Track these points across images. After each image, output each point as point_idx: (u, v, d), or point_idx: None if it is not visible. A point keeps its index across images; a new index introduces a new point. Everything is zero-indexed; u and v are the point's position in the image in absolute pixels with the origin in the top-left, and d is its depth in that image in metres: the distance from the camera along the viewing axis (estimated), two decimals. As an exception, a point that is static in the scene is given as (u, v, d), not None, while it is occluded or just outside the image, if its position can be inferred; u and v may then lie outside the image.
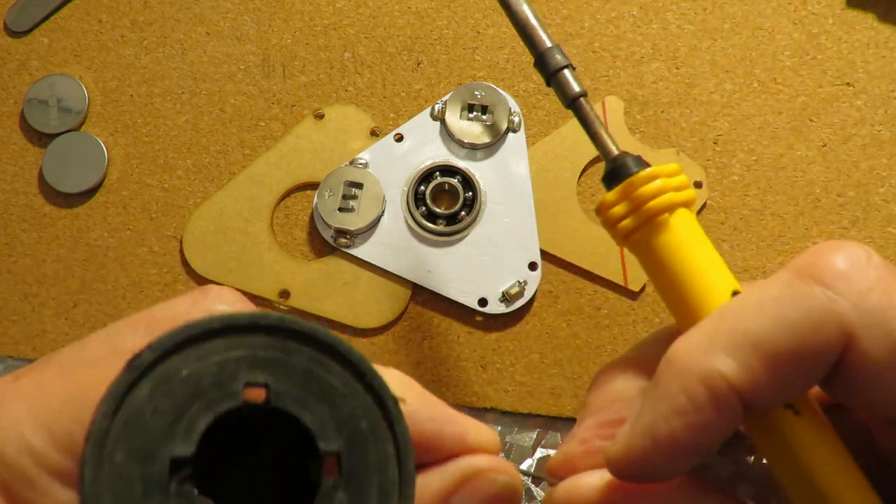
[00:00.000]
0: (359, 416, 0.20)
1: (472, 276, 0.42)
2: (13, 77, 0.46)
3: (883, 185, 0.43)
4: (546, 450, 0.42)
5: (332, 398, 0.20)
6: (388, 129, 0.44)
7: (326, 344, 0.20)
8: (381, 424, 0.20)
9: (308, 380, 0.20)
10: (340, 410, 0.20)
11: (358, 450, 0.20)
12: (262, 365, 0.20)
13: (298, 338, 0.20)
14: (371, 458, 0.20)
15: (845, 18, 0.45)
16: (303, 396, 0.20)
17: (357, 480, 0.20)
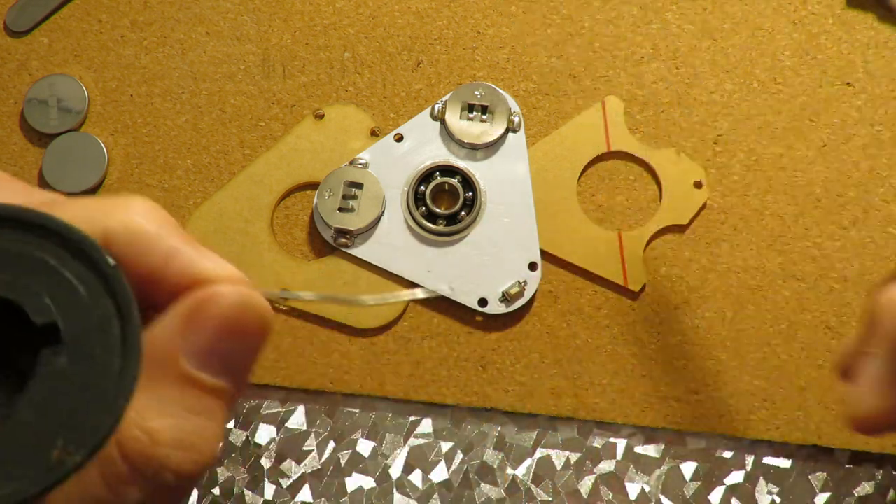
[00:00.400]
0: (74, 284, 0.20)
1: (472, 276, 0.42)
2: (13, 77, 0.46)
3: (883, 185, 0.43)
4: (546, 450, 0.42)
5: (42, 271, 0.20)
6: (388, 129, 0.44)
7: (26, 221, 0.20)
8: (99, 288, 0.20)
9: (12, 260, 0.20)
10: (53, 282, 0.20)
11: (77, 316, 0.20)
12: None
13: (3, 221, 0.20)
14: (92, 321, 0.20)
15: (845, 18, 0.45)
16: (11, 277, 0.20)
17: (79, 344, 0.20)
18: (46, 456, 0.19)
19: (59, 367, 0.20)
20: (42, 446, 0.20)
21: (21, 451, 0.20)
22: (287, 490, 0.41)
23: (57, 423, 0.20)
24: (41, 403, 0.20)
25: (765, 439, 0.41)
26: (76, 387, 0.20)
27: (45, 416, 0.20)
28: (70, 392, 0.20)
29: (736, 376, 0.42)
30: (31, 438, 0.20)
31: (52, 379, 0.20)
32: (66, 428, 0.20)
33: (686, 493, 0.41)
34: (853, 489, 0.41)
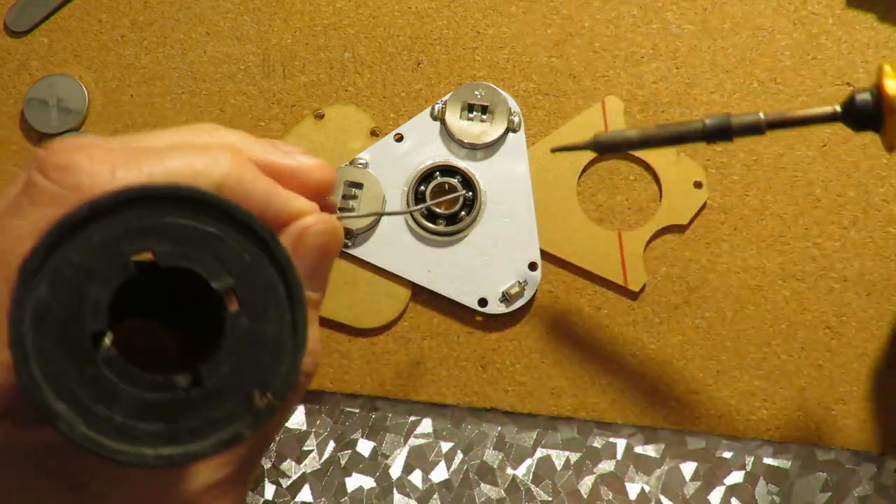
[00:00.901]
0: (240, 252, 0.23)
1: (472, 276, 0.42)
2: (13, 77, 0.46)
3: (883, 185, 0.43)
4: (546, 450, 0.42)
5: (212, 244, 0.23)
6: (388, 129, 0.44)
7: (194, 199, 0.23)
8: (260, 253, 0.23)
9: (187, 234, 0.23)
10: (222, 252, 0.23)
11: (246, 280, 0.23)
12: (141, 233, 0.22)
13: (167, 200, 0.23)
14: (259, 283, 0.23)
15: (845, 18, 0.45)
16: (186, 250, 0.23)
17: (254, 304, 0.23)
18: (248, 403, 0.23)
19: (242, 326, 0.23)
20: (242, 395, 0.23)
21: (226, 401, 0.23)
22: (287, 490, 0.41)
23: (249, 374, 0.23)
24: (234, 360, 0.23)
25: (765, 439, 0.41)
26: (260, 343, 0.23)
27: (239, 369, 0.23)
28: (256, 347, 0.23)
29: (736, 376, 0.42)
30: (232, 390, 0.23)
31: (239, 337, 0.23)
32: (258, 378, 0.23)
33: (686, 493, 0.41)
34: (853, 489, 0.41)
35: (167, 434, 0.22)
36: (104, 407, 0.22)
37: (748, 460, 0.41)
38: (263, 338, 0.23)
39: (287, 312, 0.24)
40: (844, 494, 0.41)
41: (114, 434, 0.22)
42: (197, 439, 0.22)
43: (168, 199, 0.23)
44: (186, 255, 0.23)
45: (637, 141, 0.35)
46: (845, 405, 0.41)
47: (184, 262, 0.23)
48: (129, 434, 0.22)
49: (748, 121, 0.34)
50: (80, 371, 0.22)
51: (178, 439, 0.22)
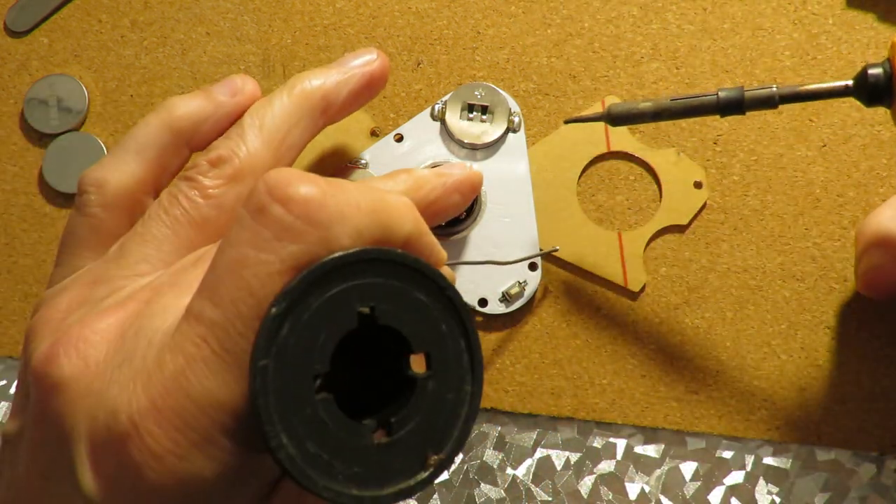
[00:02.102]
0: (439, 321, 0.25)
1: (472, 276, 0.42)
2: (13, 77, 0.46)
3: (883, 185, 0.43)
4: (546, 450, 0.42)
5: (419, 309, 0.25)
6: (388, 129, 0.44)
7: (412, 267, 0.25)
8: (455, 325, 0.25)
9: (401, 297, 0.25)
10: (425, 318, 0.25)
11: (439, 347, 0.25)
12: (368, 291, 0.25)
13: (392, 264, 0.25)
14: (449, 353, 0.25)
15: (845, 18, 0.45)
16: (398, 312, 0.25)
17: (442, 370, 0.25)
18: (423, 460, 0.25)
19: (429, 389, 0.25)
20: (419, 452, 0.25)
21: (406, 455, 0.25)
22: (287, 490, 0.41)
23: (427, 433, 0.25)
24: (418, 417, 0.25)
25: (765, 439, 0.41)
26: (440, 406, 0.25)
27: (420, 428, 0.25)
28: (436, 410, 0.25)
29: (736, 376, 0.42)
30: (412, 446, 0.25)
31: (425, 399, 0.25)
32: (434, 438, 0.25)
33: (686, 494, 0.41)
34: (853, 489, 0.41)
35: (360, 477, 0.24)
36: (315, 444, 0.24)
37: (748, 460, 0.41)
38: (444, 402, 0.25)
39: (467, 384, 0.26)
40: (844, 494, 0.41)
41: (321, 470, 0.24)
42: (379, 486, 0.24)
43: (396, 263, 0.25)
44: (399, 316, 0.25)
45: (650, 113, 0.36)
46: (845, 405, 0.41)
47: (396, 323, 0.25)
48: (332, 472, 0.24)
49: (762, 94, 0.34)
50: (301, 409, 0.24)
51: (367, 484, 0.24)
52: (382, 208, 0.26)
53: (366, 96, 0.36)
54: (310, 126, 0.35)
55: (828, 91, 0.34)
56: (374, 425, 0.25)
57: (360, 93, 0.36)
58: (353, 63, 0.36)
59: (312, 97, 0.35)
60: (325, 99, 0.35)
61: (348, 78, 0.35)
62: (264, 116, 0.33)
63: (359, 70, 0.36)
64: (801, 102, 0.35)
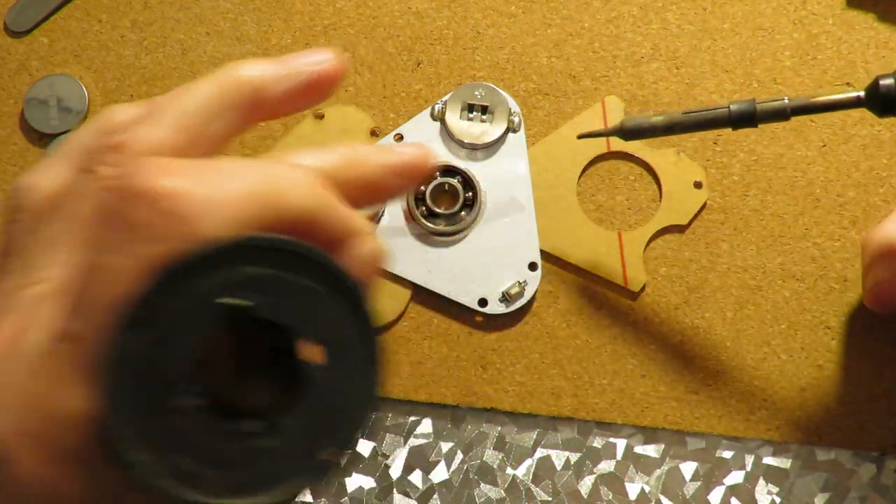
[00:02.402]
0: (330, 306, 0.23)
1: (472, 276, 0.42)
2: (13, 77, 0.46)
3: (883, 185, 0.43)
4: (546, 450, 0.42)
5: (304, 296, 0.23)
6: (388, 129, 0.44)
7: (293, 252, 0.23)
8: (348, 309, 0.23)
9: (280, 286, 0.23)
10: (313, 305, 0.23)
11: (332, 337, 0.23)
12: (236, 282, 0.22)
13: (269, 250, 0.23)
14: (343, 342, 0.23)
15: (845, 18, 0.45)
16: (280, 302, 0.23)
17: (335, 362, 0.23)
18: (314, 457, 0.23)
19: (321, 382, 0.23)
20: (310, 449, 0.23)
21: (294, 453, 0.23)
22: (287, 490, 0.41)
23: (319, 429, 0.23)
24: (309, 413, 0.23)
25: (765, 439, 0.41)
26: (334, 399, 0.23)
27: (311, 425, 0.23)
28: (330, 404, 0.23)
29: (736, 376, 0.42)
30: (301, 444, 0.23)
31: (316, 393, 0.23)
32: (328, 432, 0.23)
33: (686, 494, 0.41)
34: (853, 489, 0.41)
35: (235, 483, 0.22)
36: (178, 454, 0.22)
37: (748, 460, 0.41)
38: (340, 393, 0.23)
39: (364, 375, 0.24)
40: (844, 494, 0.41)
41: (185, 480, 0.22)
42: (262, 489, 0.23)
43: (266, 248, 0.23)
44: (281, 306, 0.23)
45: (662, 127, 0.36)
46: (846, 405, 0.41)
47: (277, 315, 0.23)
48: (200, 481, 0.22)
49: (773, 106, 0.34)
50: (159, 417, 0.22)
51: (244, 489, 0.23)
52: (266, 190, 0.24)
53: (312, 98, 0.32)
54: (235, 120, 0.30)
55: (840, 103, 0.34)
56: (257, 426, 0.23)
57: (302, 92, 0.32)
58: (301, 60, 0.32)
59: (242, 88, 0.30)
60: (256, 92, 0.30)
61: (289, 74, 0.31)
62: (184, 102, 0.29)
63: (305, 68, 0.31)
64: (813, 114, 0.34)
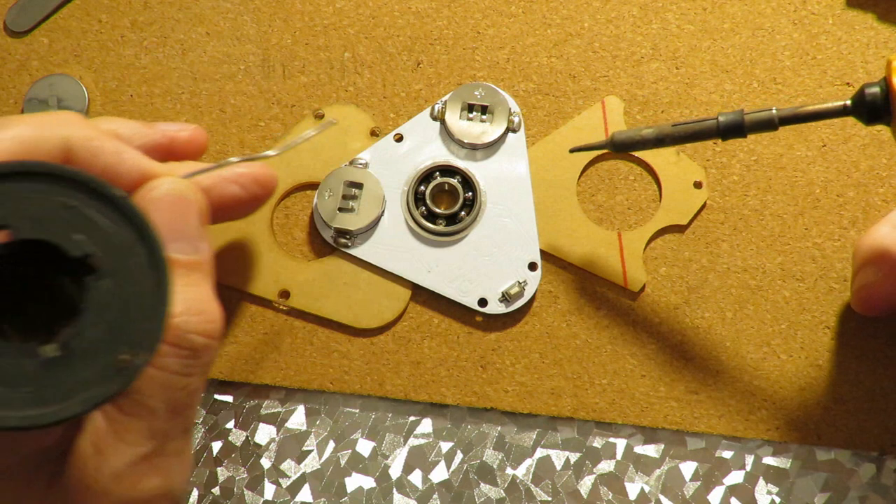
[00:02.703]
0: (95, 218, 0.24)
1: (472, 276, 0.42)
2: (13, 77, 0.46)
3: (883, 185, 0.43)
4: (546, 450, 0.42)
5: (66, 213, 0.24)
6: (388, 129, 0.44)
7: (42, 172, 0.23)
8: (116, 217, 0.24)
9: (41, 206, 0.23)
10: (78, 220, 0.24)
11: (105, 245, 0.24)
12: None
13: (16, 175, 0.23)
14: (118, 247, 0.24)
15: (845, 18, 0.45)
16: (40, 222, 0.23)
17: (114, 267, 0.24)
18: (115, 363, 0.24)
19: (104, 289, 0.24)
20: (110, 356, 0.23)
21: (94, 362, 0.23)
22: (287, 490, 0.41)
23: (115, 335, 0.23)
24: (99, 322, 0.23)
25: (765, 439, 0.41)
26: (124, 303, 0.24)
27: (104, 332, 0.23)
28: (120, 308, 0.24)
29: (736, 376, 0.42)
30: (99, 351, 0.23)
31: (102, 300, 0.24)
32: (125, 338, 0.24)
33: (686, 494, 0.41)
34: (853, 489, 0.41)
35: (35, 398, 0.23)
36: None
37: (748, 460, 0.41)
38: (127, 299, 0.24)
39: (150, 273, 0.24)
40: (844, 494, 0.41)
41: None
42: (64, 401, 0.23)
43: (16, 174, 0.23)
44: (41, 227, 0.23)
45: (653, 140, 0.36)
46: (845, 405, 0.41)
47: (38, 234, 0.23)
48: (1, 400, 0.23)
49: (761, 117, 0.34)
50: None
51: (45, 402, 0.23)
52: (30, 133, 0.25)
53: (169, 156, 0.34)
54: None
55: (827, 111, 0.34)
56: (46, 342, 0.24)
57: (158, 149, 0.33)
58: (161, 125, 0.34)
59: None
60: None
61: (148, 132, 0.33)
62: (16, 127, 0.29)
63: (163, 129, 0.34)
64: (802, 123, 0.35)
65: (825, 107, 0.34)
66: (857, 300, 0.39)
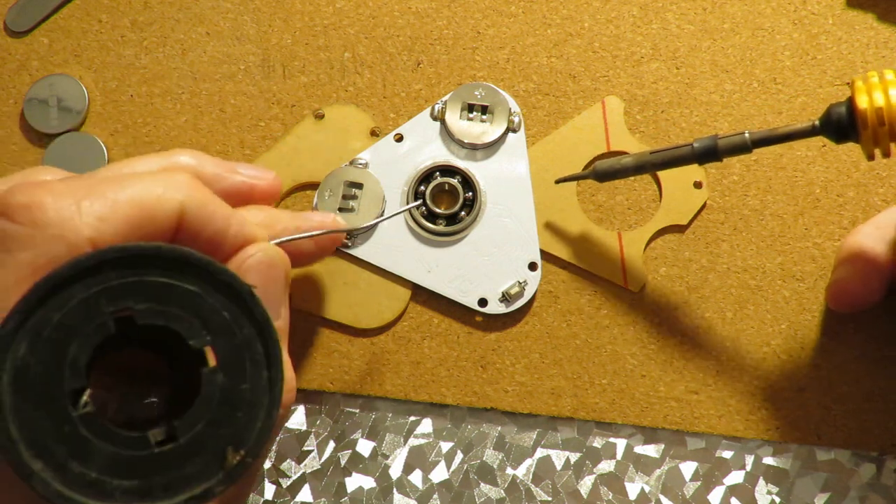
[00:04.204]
0: (219, 309, 0.23)
1: (472, 276, 0.42)
2: (13, 77, 0.46)
3: (883, 185, 0.43)
4: (546, 450, 0.42)
5: (191, 301, 0.23)
6: (388, 129, 0.44)
7: (174, 258, 0.23)
8: (238, 311, 0.24)
9: (166, 292, 0.23)
10: (201, 309, 0.23)
11: (224, 337, 0.23)
12: (121, 291, 0.23)
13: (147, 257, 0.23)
14: (237, 341, 0.23)
15: (845, 18, 0.45)
16: (165, 308, 0.23)
17: (231, 361, 0.23)
18: (221, 460, 0.23)
19: (218, 383, 0.23)
20: (216, 452, 0.23)
21: (198, 457, 0.23)
22: (287, 490, 0.41)
23: (224, 431, 0.23)
24: (209, 416, 0.23)
25: (765, 439, 0.41)
26: (235, 399, 0.23)
27: (214, 426, 0.23)
28: (231, 404, 0.23)
29: (736, 376, 0.42)
30: (206, 446, 0.23)
31: (215, 394, 0.23)
32: (232, 434, 0.23)
33: (686, 494, 0.41)
34: (853, 489, 0.41)
35: (140, 490, 0.23)
36: (79, 463, 0.22)
37: (748, 460, 0.41)
38: (239, 395, 0.23)
39: (264, 370, 0.24)
40: (844, 494, 0.41)
41: (87, 490, 0.22)
42: (169, 495, 0.23)
43: (148, 256, 0.23)
44: (164, 313, 0.23)
45: (633, 168, 0.38)
46: (845, 405, 0.41)
47: (161, 321, 0.23)
48: (103, 490, 0.22)
49: (735, 141, 0.36)
50: (56, 428, 0.22)
51: (150, 495, 0.23)
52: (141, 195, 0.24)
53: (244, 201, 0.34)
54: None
55: (798, 132, 0.35)
56: (157, 432, 0.23)
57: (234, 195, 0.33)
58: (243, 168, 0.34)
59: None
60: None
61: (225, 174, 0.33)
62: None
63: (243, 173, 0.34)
64: (774, 145, 0.36)
65: (795, 128, 0.35)
66: (829, 295, 0.40)
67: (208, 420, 0.23)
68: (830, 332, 0.42)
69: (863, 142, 0.34)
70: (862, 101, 0.33)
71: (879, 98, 0.33)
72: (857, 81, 0.34)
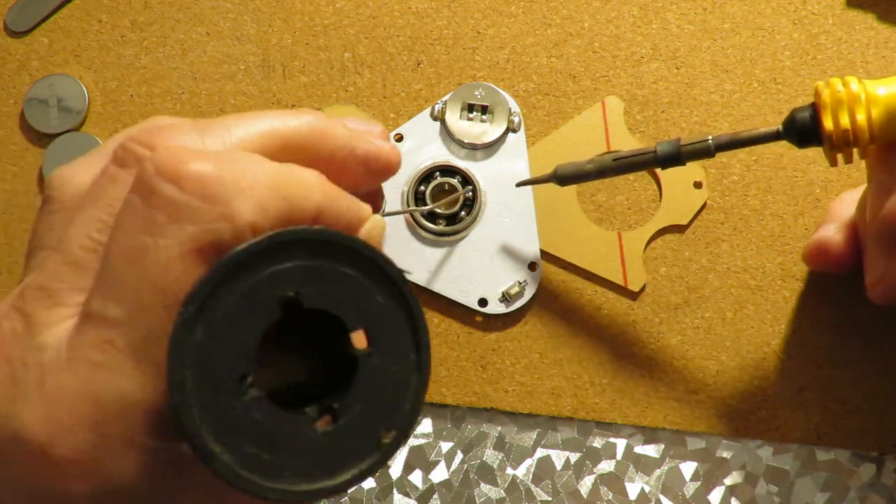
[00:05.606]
0: (373, 292, 0.24)
1: (472, 276, 0.42)
2: (13, 77, 0.46)
3: (883, 185, 0.43)
4: (546, 450, 0.42)
5: (350, 284, 0.24)
6: (388, 129, 0.44)
7: (331, 242, 0.24)
8: (390, 294, 0.24)
9: (325, 275, 0.24)
10: (357, 293, 0.24)
11: (377, 320, 0.24)
12: (287, 276, 0.23)
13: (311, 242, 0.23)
14: (389, 324, 0.24)
15: (845, 18, 0.45)
16: (326, 291, 0.23)
17: (383, 344, 0.24)
18: (376, 440, 0.24)
19: (373, 365, 0.24)
20: (371, 432, 0.24)
21: (354, 438, 0.24)
22: (287, 490, 0.41)
23: (377, 412, 0.24)
24: (364, 398, 0.24)
25: (765, 439, 0.41)
26: (386, 381, 0.24)
27: (368, 408, 0.24)
28: (381, 386, 0.24)
29: (736, 376, 0.42)
30: (361, 427, 0.24)
31: (370, 376, 0.24)
32: (385, 415, 0.24)
33: (686, 494, 0.41)
34: (853, 489, 0.41)
35: (308, 470, 0.23)
36: (253, 445, 0.23)
37: (748, 460, 0.41)
38: (390, 377, 0.24)
39: (412, 353, 0.24)
40: (844, 494, 0.41)
41: (261, 472, 0.23)
42: (333, 475, 0.23)
43: (313, 241, 0.23)
44: (327, 296, 0.24)
45: (595, 173, 0.38)
46: (845, 405, 0.41)
47: (328, 304, 0.24)
48: (277, 471, 0.23)
49: (698, 147, 0.36)
50: (230, 411, 0.22)
51: (317, 475, 0.23)
52: (284, 180, 0.24)
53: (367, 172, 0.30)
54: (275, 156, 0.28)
55: (761, 136, 0.36)
56: (316, 413, 0.24)
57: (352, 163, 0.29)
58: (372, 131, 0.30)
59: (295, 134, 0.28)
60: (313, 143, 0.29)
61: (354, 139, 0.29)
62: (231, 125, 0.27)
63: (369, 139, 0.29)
64: (737, 149, 0.37)
65: (759, 132, 0.36)
66: (805, 252, 0.40)
67: (364, 401, 0.24)
68: (831, 332, 0.42)
69: (826, 152, 0.34)
70: (828, 122, 0.33)
71: (845, 120, 0.33)
72: (820, 86, 0.34)
